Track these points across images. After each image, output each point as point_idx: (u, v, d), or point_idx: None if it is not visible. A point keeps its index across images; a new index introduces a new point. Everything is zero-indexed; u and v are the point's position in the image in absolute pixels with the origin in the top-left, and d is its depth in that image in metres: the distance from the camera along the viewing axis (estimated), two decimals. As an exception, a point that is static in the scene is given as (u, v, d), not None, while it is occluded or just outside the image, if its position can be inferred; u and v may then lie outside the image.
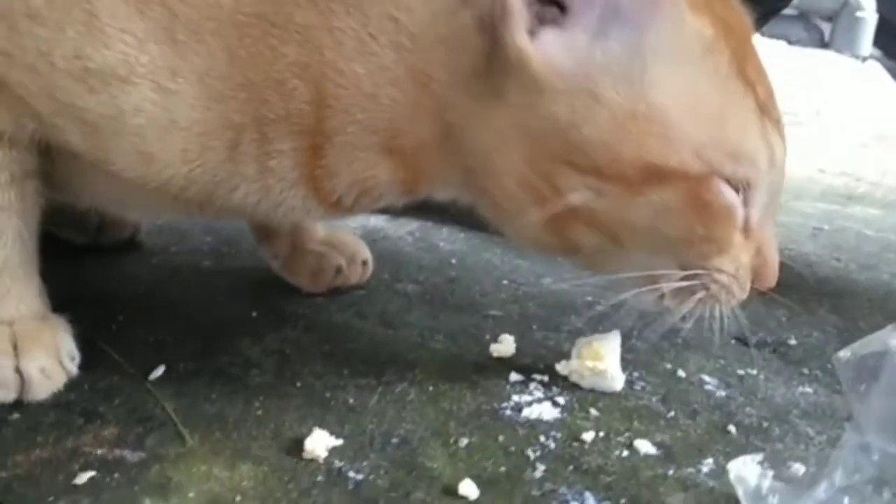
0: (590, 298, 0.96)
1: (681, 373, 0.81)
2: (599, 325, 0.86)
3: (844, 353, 0.56)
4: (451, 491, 0.59)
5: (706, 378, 0.81)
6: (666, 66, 0.60)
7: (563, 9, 0.59)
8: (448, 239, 1.18)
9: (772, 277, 0.69)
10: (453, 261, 1.09)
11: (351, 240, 0.97)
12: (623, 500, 0.60)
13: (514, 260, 1.11)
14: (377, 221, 1.23)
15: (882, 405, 0.55)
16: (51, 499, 0.56)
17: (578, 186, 0.61)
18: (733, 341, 0.91)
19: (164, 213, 0.89)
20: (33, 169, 0.70)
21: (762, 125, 0.63)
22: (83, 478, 0.59)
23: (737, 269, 0.66)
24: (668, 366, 0.83)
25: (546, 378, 0.77)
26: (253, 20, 0.61)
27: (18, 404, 0.67)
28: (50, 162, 0.70)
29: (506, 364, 0.79)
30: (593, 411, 0.72)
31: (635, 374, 0.80)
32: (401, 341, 0.83)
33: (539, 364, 0.79)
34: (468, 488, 0.59)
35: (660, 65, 0.59)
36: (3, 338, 0.67)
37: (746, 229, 0.66)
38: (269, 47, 0.62)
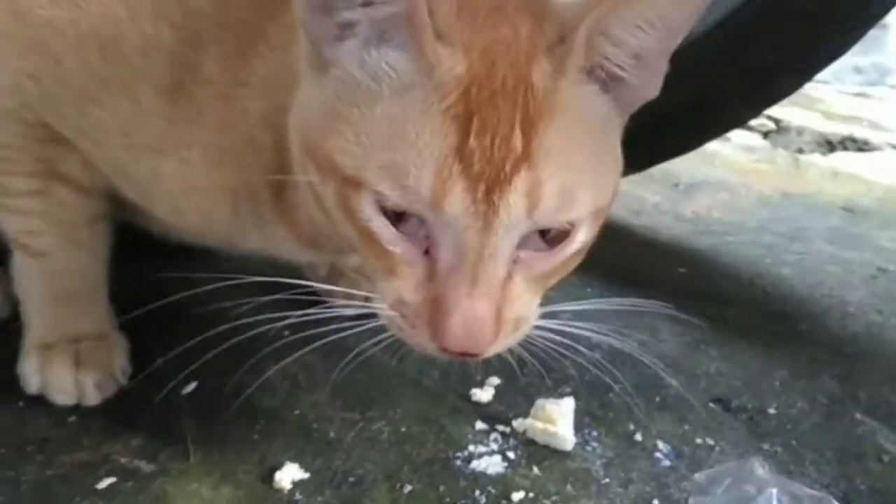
0: (597, 338, 1.04)
1: (638, 437, 0.89)
2: (587, 373, 0.95)
3: (700, 476, 0.64)
4: (375, 540, 0.73)
5: (660, 445, 0.88)
6: (387, 80, 0.61)
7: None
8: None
9: (443, 336, 0.62)
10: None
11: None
12: (518, 566, 0.72)
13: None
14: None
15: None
16: (76, 499, 0.75)
17: (311, 171, 0.65)
18: (711, 403, 0.98)
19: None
20: (104, 213, 0.87)
21: (447, 169, 0.59)
22: (105, 483, 0.77)
23: (395, 301, 0.65)
24: (631, 427, 0.91)
25: (507, 430, 0.88)
26: (231, 86, 0.73)
27: (76, 408, 0.86)
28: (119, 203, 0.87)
29: (479, 411, 0.91)
30: (535, 470, 0.83)
31: (594, 433, 0.89)
32: (399, 375, 0.96)
33: (508, 414, 0.90)
34: (390, 539, 0.73)
35: (383, 77, 0.61)
36: (68, 355, 0.86)
37: (429, 271, 0.63)
38: (241, 108, 0.73)
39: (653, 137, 1.29)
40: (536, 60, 0.62)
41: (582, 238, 0.65)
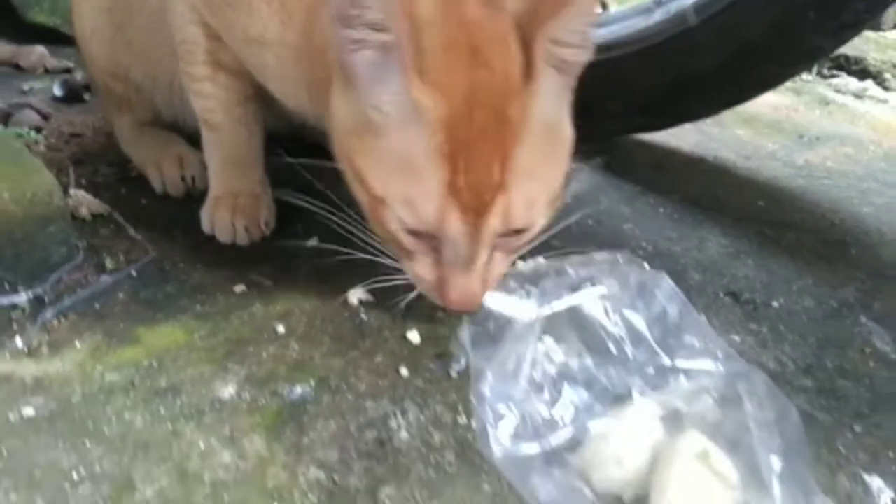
0: (645, 239, 1.23)
1: (644, 305, 1.09)
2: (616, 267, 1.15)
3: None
4: (403, 336, 1.01)
5: (657, 313, 1.07)
6: (390, 113, 0.81)
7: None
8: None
9: (448, 304, 0.91)
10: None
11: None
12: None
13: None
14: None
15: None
16: (218, 294, 1.10)
17: (348, 173, 0.91)
18: (724, 295, 1.14)
19: None
20: (253, 94, 1.18)
21: (445, 203, 0.81)
22: (239, 288, 1.11)
23: (413, 275, 0.94)
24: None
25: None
26: (306, 20, 0.99)
27: (233, 245, 1.21)
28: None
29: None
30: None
31: (604, 300, 1.10)
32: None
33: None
34: (413, 335, 1.01)
35: (386, 108, 0.81)
36: (229, 204, 1.20)
37: (436, 260, 0.89)
38: (311, 36, 0.98)
39: (741, 72, 1.42)
40: (511, 97, 0.80)
41: (541, 223, 0.90)
